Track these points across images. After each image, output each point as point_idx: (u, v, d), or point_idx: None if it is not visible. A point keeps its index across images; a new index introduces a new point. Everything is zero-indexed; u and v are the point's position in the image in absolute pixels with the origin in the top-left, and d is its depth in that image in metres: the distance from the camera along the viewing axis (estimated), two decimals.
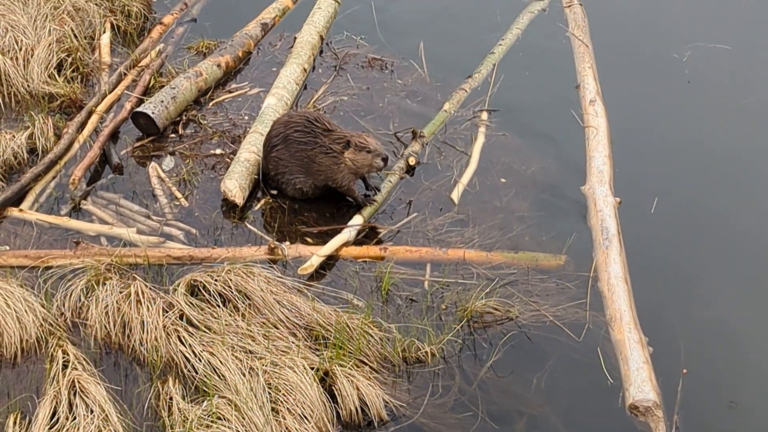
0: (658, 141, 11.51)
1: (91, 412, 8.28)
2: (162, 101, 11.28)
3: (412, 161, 10.96)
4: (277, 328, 9.02)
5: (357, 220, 10.25)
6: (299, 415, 8.33)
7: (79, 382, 8.49)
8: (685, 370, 8.99)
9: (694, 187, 10.94)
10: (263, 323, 9.04)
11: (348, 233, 10.11)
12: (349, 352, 8.84)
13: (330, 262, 9.93)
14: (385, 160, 10.23)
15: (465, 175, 10.93)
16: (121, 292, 9.18)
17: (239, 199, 10.38)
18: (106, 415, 8.26)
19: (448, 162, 11.12)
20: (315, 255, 9.83)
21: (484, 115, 11.73)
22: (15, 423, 8.29)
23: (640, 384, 8.75)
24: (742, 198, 10.81)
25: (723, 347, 9.30)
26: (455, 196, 10.68)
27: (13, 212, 10.30)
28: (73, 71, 11.92)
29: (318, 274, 9.79)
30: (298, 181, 10.46)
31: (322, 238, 10.11)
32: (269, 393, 8.41)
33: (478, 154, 11.23)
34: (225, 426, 8.13)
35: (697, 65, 12.68)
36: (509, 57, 12.73)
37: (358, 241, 10.16)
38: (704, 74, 12.54)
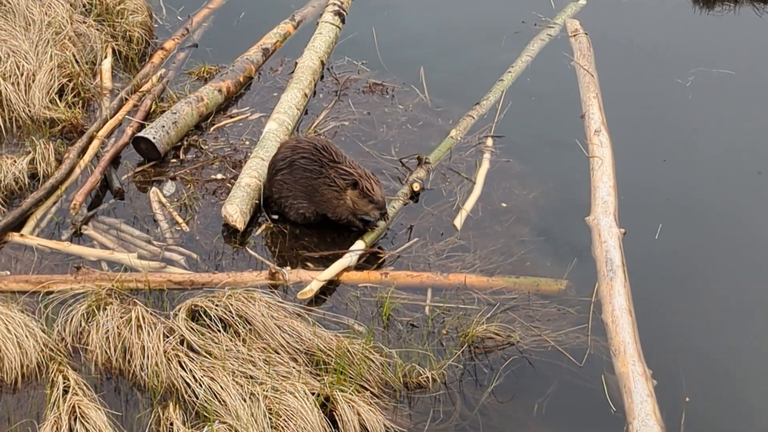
0: (662, 170, 11.48)
1: None
2: (163, 126, 11.29)
3: (416, 187, 10.95)
4: (277, 353, 9.01)
5: (359, 246, 10.24)
6: None
7: (79, 407, 8.46)
8: (687, 399, 8.96)
9: (700, 216, 10.91)
10: (264, 348, 9.02)
11: (349, 258, 10.11)
12: (350, 378, 8.82)
13: (331, 287, 9.92)
14: (383, 215, 10.27)
15: (468, 202, 10.91)
16: (121, 317, 9.17)
17: (240, 224, 10.37)
18: None
19: (451, 187, 11.12)
20: (315, 280, 9.82)
21: (489, 142, 11.72)
22: None
23: (644, 418, 8.66)
24: (749, 229, 10.76)
25: (728, 380, 9.25)
26: (458, 222, 10.67)
27: (14, 237, 10.30)
28: (74, 96, 11.93)
29: (319, 299, 9.78)
30: (301, 207, 10.46)
31: (324, 263, 10.10)
32: (270, 418, 8.39)
33: (482, 180, 11.21)
34: None
35: (701, 90, 12.67)
36: (516, 84, 12.70)
37: (358, 266, 10.14)
38: (708, 99, 12.52)
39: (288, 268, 10.03)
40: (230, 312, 9.18)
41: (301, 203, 10.43)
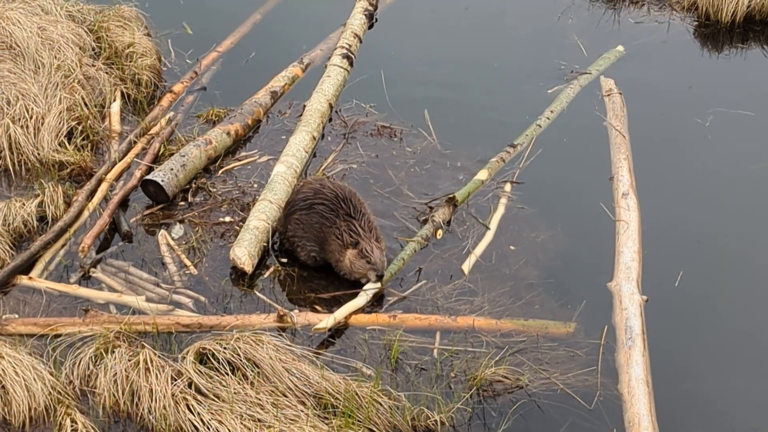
0: (689, 234, 11.23)
1: None
2: (171, 169, 11.32)
3: (439, 235, 10.93)
4: (285, 397, 8.99)
5: (374, 285, 10.24)
6: None
7: None
8: None
9: (724, 278, 10.71)
10: (272, 391, 9.00)
11: (365, 297, 10.12)
12: (359, 421, 8.80)
13: (339, 329, 9.90)
14: (379, 277, 10.23)
15: (479, 247, 10.89)
16: (129, 360, 9.16)
17: (248, 267, 10.37)
18: None
19: (462, 231, 11.09)
20: (332, 315, 9.85)
21: (508, 187, 11.64)
22: None
23: None
24: None
25: None
26: (466, 267, 10.65)
27: (23, 280, 10.31)
28: (83, 139, 11.96)
29: (327, 342, 9.77)
30: (312, 250, 10.48)
31: (333, 305, 10.10)
32: None
33: (496, 225, 11.18)
34: None
35: (720, 130, 12.66)
36: (548, 133, 12.61)
37: (366, 309, 10.13)
38: (727, 139, 12.51)
39: (296, 310, 10.02)
40: (238, 355, 9.17)
41: (313, 247, 10.45)
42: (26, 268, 10.44)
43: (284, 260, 10.67)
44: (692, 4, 14.89)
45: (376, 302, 10.23)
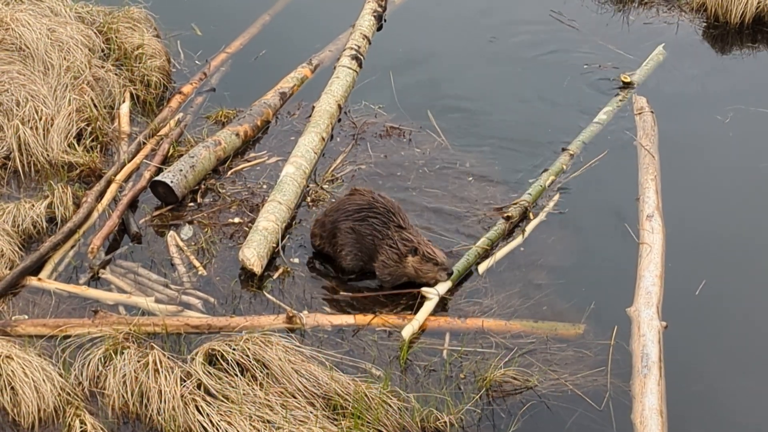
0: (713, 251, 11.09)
1: None
2: (181, 170, 11.32)
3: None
4: (295, 398, 8.98)
5: (445, 285, 10.28)
6: None
7: None
8: None
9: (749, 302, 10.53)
10: (281, 393, 9.00)
11: (436, 299, 10.15)
12: (368, 422, 8.79)
13: (348, 330, 9.90)
14: (450, 274, 10.27)
15: (502, 251, 10.84)
16: (139, 361, 9.17)
17: (257, 268, 10.38)
18: None
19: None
20: (415, 319, 9.90)
21: (556, 197, 11.53)
22: None
23: None
24: None
25: None
26: (483, 267, 10.62)
27: (32, 281, 10.32)
28: (92, 140, 11.97)
29: (336, 343, 9.76)
30: (358, 258, 10.53)
31: (342, 307, 10.16)
32: None
33: (528, 233, 11.12)
34: None
35: (740, 127, 12.65)
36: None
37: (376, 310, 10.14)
38: (747, 137, 12.49)
39: (306, 311, 10.02)
40: (247, 356, 9.17)
41: (360, 256, 10.49)
42: (35, 269, 10.45)
43: (295, 260, 10.67)
44: (701, 5, 14.86)
45: (391, 302, 10.24)
